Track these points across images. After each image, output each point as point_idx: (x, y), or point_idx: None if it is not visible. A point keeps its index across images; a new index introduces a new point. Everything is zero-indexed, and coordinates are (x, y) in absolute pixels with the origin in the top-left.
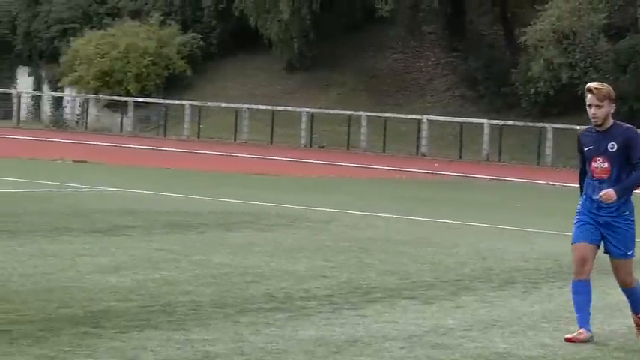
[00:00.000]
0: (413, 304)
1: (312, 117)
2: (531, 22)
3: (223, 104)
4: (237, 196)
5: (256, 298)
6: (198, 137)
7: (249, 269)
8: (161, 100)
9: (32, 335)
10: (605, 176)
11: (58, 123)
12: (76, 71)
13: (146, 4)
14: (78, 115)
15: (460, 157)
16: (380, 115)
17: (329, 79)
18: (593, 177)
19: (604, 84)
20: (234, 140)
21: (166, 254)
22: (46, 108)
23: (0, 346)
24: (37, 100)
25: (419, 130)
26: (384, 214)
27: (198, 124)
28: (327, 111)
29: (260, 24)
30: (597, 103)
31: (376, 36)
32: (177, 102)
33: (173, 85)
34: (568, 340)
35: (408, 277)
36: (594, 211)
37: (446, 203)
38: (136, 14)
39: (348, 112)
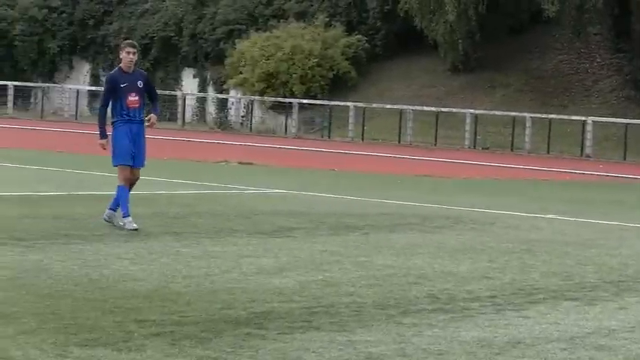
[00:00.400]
0: (576, 306)
1: (476, 118)
2: None
3: (388, 106)
4: (402, 197)
5: (419, 300)
6: (363, 139)
7: (412, 270)
8: (326, 102)
9: (195, 336)
10: None
11: (223, 125)
12: (240, 73)
13: (311, 5)
14: (243, 116)
15: (624, 159)
16: (544, 116)
17: (493, 80)
18: None
19: None
20: (399, 142)
21: (329, 256)
22: (211, 109)
23: (162, 347)
24: (201, 101)
25: (583, 132)
26: (548, 216)
27: (363, 126)
28: (491, 112)
29: (425, 25)
30: None
31: (541, 37)
32: (341, 104)
33: (337, 86)
34: None
35: (571, 278)
36: None
37: (610, 205)
38: (301, 16)
39: (513, 114)
